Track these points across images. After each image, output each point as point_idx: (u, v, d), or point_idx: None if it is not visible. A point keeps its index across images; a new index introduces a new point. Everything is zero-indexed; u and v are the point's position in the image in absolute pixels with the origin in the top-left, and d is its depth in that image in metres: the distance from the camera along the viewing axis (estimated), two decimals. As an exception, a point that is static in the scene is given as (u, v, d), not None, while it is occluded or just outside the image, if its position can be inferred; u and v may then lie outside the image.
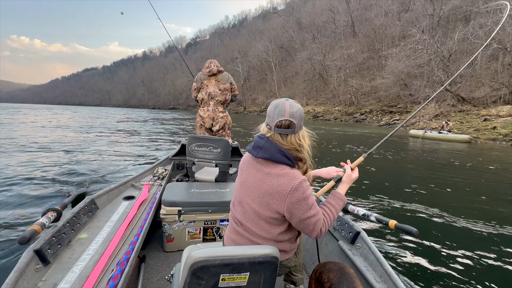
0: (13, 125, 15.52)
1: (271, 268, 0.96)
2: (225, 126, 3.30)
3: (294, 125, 1.03)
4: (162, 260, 1.92)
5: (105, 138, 11.55)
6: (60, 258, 1.26)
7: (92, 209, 1.70)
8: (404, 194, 4.75)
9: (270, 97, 54.46)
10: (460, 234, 3.24)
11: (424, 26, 29.68)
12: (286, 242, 1.12)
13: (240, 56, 66.31)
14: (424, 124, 20.66)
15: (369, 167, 6.88)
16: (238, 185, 1.15)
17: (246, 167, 1.14)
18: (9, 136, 10.64)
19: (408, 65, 26.74)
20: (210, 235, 2.06)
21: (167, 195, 2.01)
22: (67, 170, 5.62)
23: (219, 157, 2.62)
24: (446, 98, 22.43)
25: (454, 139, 13.93)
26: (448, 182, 5.74)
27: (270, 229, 1.06)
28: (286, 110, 1.02)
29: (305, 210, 1.00)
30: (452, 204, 4.32)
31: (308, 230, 1.04)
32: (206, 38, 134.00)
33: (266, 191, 1.02)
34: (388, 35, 37.09)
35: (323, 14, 52.20)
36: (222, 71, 3.27)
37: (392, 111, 28.23)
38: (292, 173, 1.01)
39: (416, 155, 9.51)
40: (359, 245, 1.48)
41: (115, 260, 1.30)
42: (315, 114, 37.52)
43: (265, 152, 1.02)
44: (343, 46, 42.72)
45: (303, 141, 1.07)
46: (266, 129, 1.08)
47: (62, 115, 31.52)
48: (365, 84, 35.52)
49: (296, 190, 0.98)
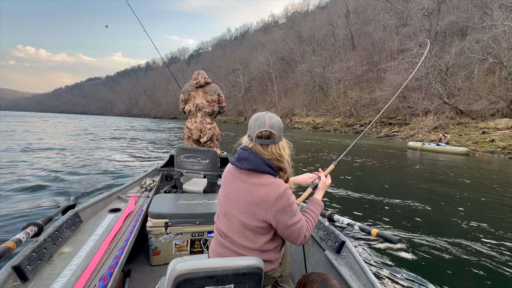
0: (8, 133, 15.64)
1: (255, 279, 0.96)
2: (213, 138, 3.28)
3: (274, 135, 1.08)
4: (148, 274, 1.86)
5: (104, 146, 11.61)
6: (40, 275, 1.20)
7: (75, 223, 1.64)
8: (398, 204, 4.74)
9: (270, 107, 54.89)
10: (445, 245, 3.27)
11: (421, 41, 30.30)
12: (271, 252, 1.14)
13: (241, 68, 67.37)
14: (423, 136, 20.75)
15: (365, 177, 6.88)
16: (223, 198, 1.17)
17: (230, 179, 1.15)
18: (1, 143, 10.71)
19: (406, 78, 27.09)
20: (198, 247, 2.02)
21: (154, 207, 1.97)
22: (59, 179, 5.57)
23: (207, 168, 2.60)
24: (445, 111, 22.62)
25: (452, 151, 13.96)
26: (442, 194, 5.73)
27: (256, 239, 1.09)
28: (266, 122, 1.07)
29: (290, 217, 1.04)
30: (443, 215, 4.33)
31: (293, 237, 1.08)
32: (209, 50, 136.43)
33: (253, 201, 1.05)
34: (387, 48, 37.77)
35: (323, 28, 53.41)
36: (210, 83, 3.28)
37: (391, 123, 28.40)
38: (277, 182, 1.05)
39: (413, 166, 9.51)
40: (344, 255, 1.49)
41: (98, 275, 1.26)
42: (315, 125, 37.69)
43: (250, 163, 1.06)
44: (343, 59, 43.43)
45: (283, 151, 1.12)
46: (248, 140, 1.13)
47: (61, 123, 31.74)
48: (365, 96, 35.85)
49: (281, 198, 1.02)
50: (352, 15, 48.35)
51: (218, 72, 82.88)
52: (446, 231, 3.70)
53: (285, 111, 49.01)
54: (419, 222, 4.07)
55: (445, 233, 3.64)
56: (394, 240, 1.22)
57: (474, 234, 3.66)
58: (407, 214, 4.39)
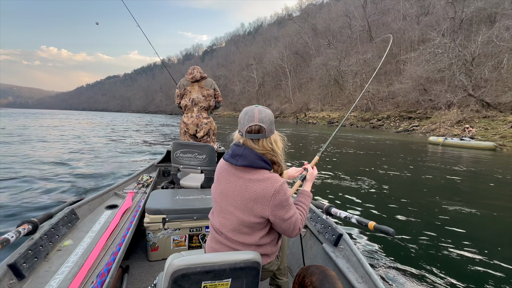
0: (31, 129, 16.47)
1: (253, 273, 0.96)
2: (209, 132, 3.30)
3: (264, 129, 1.06)
4: (147, 270, 1.87)
5: (118, 143, 11.97)
6: (36, 272, 1.20)
7: (72, 220, 1.64)
8: (414, 202, 4.51)
9: (284, 103, 54.36)
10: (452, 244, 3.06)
11: (444, 30, 28.61)
12: (268, 246, 1.14)
13: (255, 63, 66.95)
14: (445, 130, 19.71)
15: (381, 173, 6.63)
16: (218, 195, 1.15)
17: (224, 175, 1.13)
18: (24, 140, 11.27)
19: (428, 69, 25.71)
20: (196, 242, 2.02)
21: (151, 202, 1.96)
22: (70, 175, 5.69)
23: (204, 163, 2.59)
24: (470, 104, 21.33)
25: (478, 146, 13.15)
26: (463, 191, 5.40)
27: (252, 234, 1.09)
28: (255, 116, 1.06)
29: (287, 210, 1.05)
30: (460, 213, 4.06)
31: (289, 231, 1.09)
32: (222, 46, 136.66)
33: (250, 197, 1.04)
34: (406, 39, 36.06)
35: (338, 19, 51.73)
36: (206, 77, 3.27)
37: (411, 117, 27.22)
38: (273, 177, 1.05)
39: (433, 162, 9.05)
40: (342, 247, 1.50)
41: (95, 272, 1.25)
42: (330, 120, 36.92)
43: (245, 159, 1.05)
44: (359, 51, 42.00)
45: (275, 144, 1.10)
46: (238, 135, 1.12)
47: (85, 120, 33.08)
48: (382, 89, 34.59)
49: (279, 193, 1.02)
50: (369, 5, 46.40)
51: (232, 68, 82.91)
52: (461, 230, 3.50)
53: (299, 106, 48.32)
54: (432, 218, 3.88)
55: (459, 232, 3.45)
56: (391, 233, 1.24)
57: (496, 240, 3.37)
58: (421, 211, 4.16)
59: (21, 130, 15.72)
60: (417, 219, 3.86)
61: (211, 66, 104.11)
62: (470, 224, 3.76)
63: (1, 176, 5.18)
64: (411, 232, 3.40)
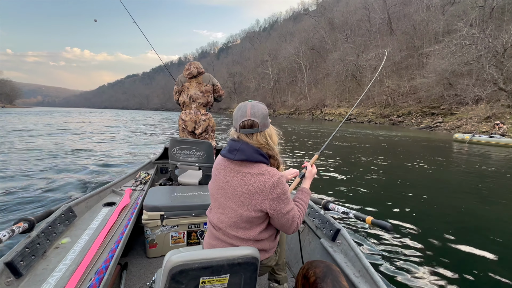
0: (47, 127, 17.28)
1: (251, 269, 0.97)
2: (207, 129, 3.24)
3: (257, 124, 1.07)
4: (145, 267, 1.86)
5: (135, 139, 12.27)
6: (34, 270, 1.21)
7: (69, 217, 1.64)
8: (431, 200, 4.20)
9: (300, 99, 53.62)
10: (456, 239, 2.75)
11: (472, 19, 26.77)
12: (266, 241, 1.15)
13: (270, 59, 66.46)
14: (472, 127, 18.54)
15: (400, 170, 6.28)
16: (216, 191, 1.15)
17: (222, 171, 1.14)
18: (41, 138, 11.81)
19: (454, 62, 24.22)
20: (194, 238, 2.02)
21: (149, 199, 1.97)
22: (87, 171, 5.77)
23: (202, 159, 2.58)
24: (500, 98, 19.91)
25: (509, 144, 12.22)
26: (489, 191, 4.97)
27: (250, 229, 1.09)
28: (247, 111, 1.07)
29: (285, 204, 1.06)
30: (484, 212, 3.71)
31: (287, 226, 1.09)
32: (237, 43, 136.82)
33: (248, 191, 1.04)
34: (430, 31, 34.13)
35: (357, 12, 49.96)
36: (203, 73, 3.21)
37: (434, 113, 25.85)
38: (271, 170, 1.06)
39: (458, 161, 8.48)
40: (339, 242, 1.51)
41: (93, 269, 1.25)
42: (347, 117, 35.94)
43: (242, 154, 1.05)
44: (379, 44, 40.44)
45: (269, 138, 1.11)
46: (233, 131, 1.14)
47: (119, 118, 34.41)
48: (403, 84, 33.17)
49: (277, 186, 1.03)
50: (390, -4, 44.48)
51: (247, 65, 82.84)
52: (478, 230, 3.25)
53: (315, 102, 47.46)
54: (449, 217, 3.60)
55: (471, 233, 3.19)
56: (389, 228, 1.25)
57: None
58: (440, 209, 3.87)
59: (65, 125, 16.55)
60: (430, 216, 3.72)
61: (226, 63, 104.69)
62: (488, 226, 3.50)
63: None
64: (416, 228, 3.32)
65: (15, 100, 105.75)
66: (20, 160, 6.55)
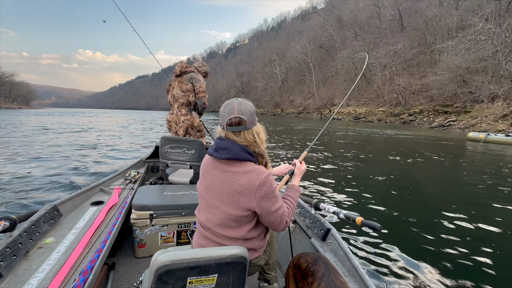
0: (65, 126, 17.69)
1: (239, 268, 0.95)
2: (188, 129, 3.17)
3: (245, 121, 1.05)
4: (133, 267, 1.82)
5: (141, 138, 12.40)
6: (15, 271, 1.17)
7: (54, 216, 1.59)
8: (436, 198, 4.01)
9: (308, 98, 53.13)
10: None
11: (488, 14, 25.80)
12: (255, 240, 1.13)
13: (278, 58, 66.19)
14: (487, 125, 17.87)
15: (412, 170, 6.06)
16: (204, 190, 1.13)
17: (209, 170, 1.12)
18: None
19: (468, 59, 23.43)
20: (184, 238, 1.97)
21: (138, 199, 1.92)
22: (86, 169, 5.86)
23: (193, 158, 2.53)
24: (517, 95, 19.12)
25: (528, 143, 11.70)
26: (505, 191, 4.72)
27: (239, 228, 1.08)
28: (234, 108, 1.05)
29: (273, 202, 1.04)
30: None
31: (276, 224, 1.08)
32: (245, 42, 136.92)
33: (235, 190, 1.03)
34: (443, 26, 33.13)
35: (366, 9, 49.08)
36: (188, 72, 3.14)
37: (447, 111, 25.07)
38: (258, 169, 1.04)
39: (472, 160, 8.14)
40: (329, 242, 1.51)
41: (78, 269, 1.21)
42: (357, 116, 35.39)
43: (229, 152, 1.03)
44: (389, 42, 39.61)
45: (257, 136, 1.09)
46: (220, 129, 1.11)
47: (129, 118, 35.05)
48: (415, 82, 32.35)
49: (264, 184, 1.01)
50: (401, -8, 43.44)
51: (255, 64, 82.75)
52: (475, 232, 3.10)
53: (323, 101, 46.94)
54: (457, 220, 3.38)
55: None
56: (378, 228, 1.26)
57: None
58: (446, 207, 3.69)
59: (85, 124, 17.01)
60: (430, 216, 3.61)
61: (234, 63, 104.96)
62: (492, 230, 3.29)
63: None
64: (411, 227, 3.31)
65: (31, 102, 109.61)
66: (50, 153, 6.80)
